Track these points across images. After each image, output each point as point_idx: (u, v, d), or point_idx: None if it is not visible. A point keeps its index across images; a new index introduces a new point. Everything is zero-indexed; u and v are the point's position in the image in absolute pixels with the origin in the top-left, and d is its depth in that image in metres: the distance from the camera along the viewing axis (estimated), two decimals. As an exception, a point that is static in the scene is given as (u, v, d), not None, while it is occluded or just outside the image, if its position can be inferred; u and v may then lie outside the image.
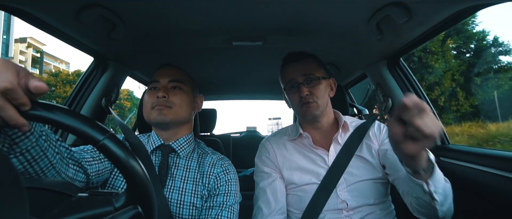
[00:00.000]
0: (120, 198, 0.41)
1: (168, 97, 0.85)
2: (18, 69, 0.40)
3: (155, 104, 0.85)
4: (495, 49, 15.91)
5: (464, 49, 16.44)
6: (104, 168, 0.80)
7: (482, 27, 19.74)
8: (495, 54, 15.86)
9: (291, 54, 0.99)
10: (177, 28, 1.10)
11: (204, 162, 0.91)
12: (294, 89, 0.94)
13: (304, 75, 0.92)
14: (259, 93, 2.51)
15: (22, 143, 0.51)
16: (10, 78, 0.38)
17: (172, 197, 0.82)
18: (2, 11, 0.81)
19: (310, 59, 0.97)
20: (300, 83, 0.92)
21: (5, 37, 30.31)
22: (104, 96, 1.28)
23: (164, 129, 0.89)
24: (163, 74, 0.90)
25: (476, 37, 16.25)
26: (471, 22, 16.05)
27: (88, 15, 0.88)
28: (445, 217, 0.70)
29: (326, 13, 0.99)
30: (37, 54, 33.85)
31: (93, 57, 1.23)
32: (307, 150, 0.97)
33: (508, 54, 15.65)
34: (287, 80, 0.96)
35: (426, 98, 1.26)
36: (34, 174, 0.55)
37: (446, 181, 0.69)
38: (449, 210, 0.70)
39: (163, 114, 0.84)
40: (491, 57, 15.64)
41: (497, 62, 15.75)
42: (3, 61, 0.39)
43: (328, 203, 0.87)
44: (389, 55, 1.21)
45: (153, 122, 0.87)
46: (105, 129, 0.41)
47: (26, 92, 0.39)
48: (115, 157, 0.40)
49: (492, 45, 15.96)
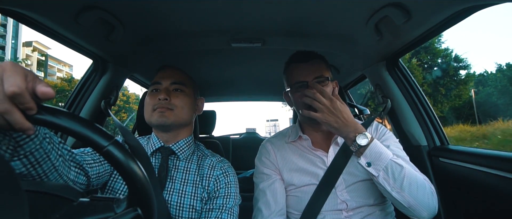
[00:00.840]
0: (121, 204, 0.41)
1: (169, 100, 0.85)
2: (25, 73, 0.39)
3: (157, 106, 0.85)
4: (457, 64, 20.81)
5: (431, 63, 21.28)
6: (104, 170, 0.79)
7: (447, 44, 26.98)
8: (456, 68, 20.73)
9: (300, 53, 0.96)
10: (176, 30, 1.10)
11: (203, 164, 0.91)
12: (303, 89, 0.92)
13: (315, 77, 0.91)
14: (258, 94, 2.51)
15: (26, 145, 0.51)
16: (19, 82, 0.37)
17: (171, 200, 0.82)
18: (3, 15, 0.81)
19: (319, 60, 0.95)
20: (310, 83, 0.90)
21: (13, 42, 32.27)
22: (103, 98, 1.27)
23: (165, 131, 0.89)
24: (165, 76, 0.90)
25: (441, 54, 20.99)
26: (438, 40, 21.17)
27: (87, 17, 0.88)
28: (419, 210, 0.75)
29: (325, 14, 0.99)
30: (42, 57, 35.03)
31: (92, 60, 1.23)
32: (307, 151, 0.96)
33: (466, 68, 20.92)
34: (296, 80, 0.93)
35: (425, 97, 1.27)
36: (37, 176, 0.55)
37: (405, 166, 0.77)
38: (417, 201, 0.74)
39: (164, 116, 0.84)
40: (453, 71, 20.29)
41: (458, 75, 20.61)
42: (11, 65, 0.39)
43: (328, 204, 0.87)
44: (388, 56, 1.22)
45: (154, 124, 0.87)
46: (110, 135, 0.41)
47: (33, 96, 0.39)
48: (119, 164, 0.40)
49: (454, 60, 20.93)
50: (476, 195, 0.96)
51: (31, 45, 33.68)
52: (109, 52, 1.18)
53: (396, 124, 1.32)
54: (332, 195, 0.87)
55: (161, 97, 0.84)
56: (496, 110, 20.44)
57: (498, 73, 23.76)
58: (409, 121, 1.26)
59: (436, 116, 1.26)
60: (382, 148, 0.78)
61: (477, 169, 0.93)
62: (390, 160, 0.76)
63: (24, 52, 33.18)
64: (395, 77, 1.28)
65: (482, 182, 0.92)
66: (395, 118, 1.32)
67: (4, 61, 0.40)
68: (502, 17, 62.75)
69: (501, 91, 21.92)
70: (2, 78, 0.38)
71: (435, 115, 1.26)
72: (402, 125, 1.29)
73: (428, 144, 1.22)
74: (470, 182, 0.97)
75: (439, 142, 1.22)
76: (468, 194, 1.00)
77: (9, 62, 0.40)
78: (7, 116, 0.38)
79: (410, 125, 1.26)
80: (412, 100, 1.26)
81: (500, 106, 21.12)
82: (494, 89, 22.41)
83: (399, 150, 0.90)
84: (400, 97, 1.27)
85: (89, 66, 1.28)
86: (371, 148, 0.76)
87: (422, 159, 1.20)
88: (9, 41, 30.72)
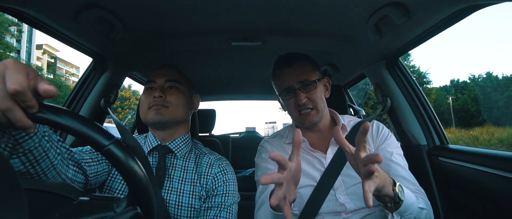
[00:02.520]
0: (121, 204, 0.42)
1: (164, 97, 0.85)
2: (27, 71, 0.39)
3: (152, 104, 0.85)
4: (421, 80, 24.40)
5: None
6: (102, 169, 0.79)
7: (414, 62, 30.43)
8: (422, 83, 23.88)
9: (283, 57, 0.95)
10: (176, 28, 1.10)
11: (201, 162, 0.91)
12: (290, 95, 0.92)
13: (300, 81, 0.89)
14: (258, 93, 2.51)
15: (26, 143, 0.51)
16: (20, 80, 0.37)
17: (170, 198, 0.82)
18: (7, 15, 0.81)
19: (303, 62, 0.93)
20: (297, 89, 0.89)
21: (27, 46, 33.69)
22: (103, 97, 1.27)
23: (161, 128, 0.89)
24: (160, 75, 0.90)
25: (410, 70, 23.42)
26: (407, 57, 23.87)
27: (86, 16, 0.87)
28: None
29: (325, 13, 0.99)
30: (51, 59, 36.35)
31: (92, 58, 1.23)
32: (305, 153, 0.95)
33: (428, 83, 25.39)
34: (283, 87, 0.93)
35: (424, 97, 1.27)
36: (35, 174, 0.55)
37: (424, 208, 0.74)
38: None
39: (160, 113, 0.84)
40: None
41: (423, 90, 24.04)
42: (14, 63, 0.39)
43: (327, 206, 0.86)
44: (388, 55, 1.22)
45: (150, 122, 0.87)
46: (111, 134, 0.41)
47: (34, 95, 0.39)
48: (119, 163, 0.40)
49: (418, 77, 24.12)
50: (476, 195, 0.96)
51: (41, 48, 34.97)
52: (108, 50, 1.18)
53: (396, 123, 1.33)
54: (331, 197, 0.86)
55: (156, 95, 0.84)
56: (471, 116, 24.35)
57: (471, 83, 27.19)
58: (408, 120, 1.26)
59: (435, 115, 1.26)
60: (409, 193, 0.69)
61: (476, 169, 0.93)
62: (417, 208, 0.71)
63: (35, 54, 34.51)
64: (395, 77, 1.28)
65: (482, 181, 0.92)
66: (394, 117, 1.32)
67: (6, 59, 0.40)
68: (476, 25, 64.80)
69: (473, 99, 25.50)
70: (4, 76, 0.38)
71: (435, 114, 1.26)
72: (401, 124, 1.29)
73: (428, 143, 1.22)
74: (469, 181, 0.98)
75: (439, 141, 1.22)
76: (467, 193, 1.00)
77: (11, 60, 0.40)
78: (8, 114, 0.38)
79: (409, 124, 1.26)
80: (411, 99, 1.26)
81: (474, 113, 24.76)
82: (468, 97, 25.79)
83: (401, 157, 0.90)
84: (400, 97, 1.27)
85: (88, 65, 1.28)
86: (406, 198, 0.66)
87: (421, 158, 1.20)
88: (23, 45, 31.96)
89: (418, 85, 1.28)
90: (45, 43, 35.33)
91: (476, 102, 25.04)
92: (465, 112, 25.06)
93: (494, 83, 25.73)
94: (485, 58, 68.52)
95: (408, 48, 1.12)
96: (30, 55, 33.20)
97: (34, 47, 33.87)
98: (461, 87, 28.01)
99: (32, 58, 32.96)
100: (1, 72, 0.38)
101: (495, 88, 25.20)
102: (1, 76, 0.38)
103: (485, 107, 24.77)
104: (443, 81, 76.69)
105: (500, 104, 23.79)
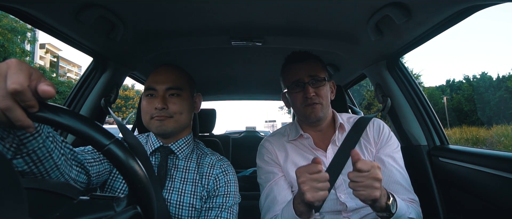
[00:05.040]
0: (121, 203, 0.42)
1: (167, 108, 0.83)
2: (31, 71, 0.40)
3: (155, 115, 0.82)
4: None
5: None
6: (104, 169, 0.80)
7: (408, 64, 27.73)
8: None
9: (296, 53, 0.97)
10: (176, 28, 1.10)
11: (203, 163, 0.90)
12: (299, 88, 0.92)
13: (310, 76, 0.91)
14: (258, 93, 2.51)
15: (30, 143, 0.51)
16: (21, 80, 0.38)
17: (171, 198, 0.82)
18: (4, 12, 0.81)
19: (315, 59, 0.96)
20: (306, 83, 0.90)
21: (32, 46, 33.96)
22: (103, 96, 1.27)
23: (165, 137, 0.88)
24: (160, 81, 0.85)
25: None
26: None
27: (87, 15, 0.87)
28: None
29: (325, 13, 0.99)
30: (54, 59, 36.89)
31: (92, 57, 1.23)
32: (307, 151, 0.96)
33: (420, 85, 24.15)
34: (292, 80, 0.94)
35: (425, 97, 1.27)
36: (39, 174, 0.55)
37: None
38: None
39: (164, 125, 0.83)
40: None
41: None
42: (17, 62, 0.39)
43: (328, 205, 0.87)
44: (389, 55, 1.22)
45: (153, 132, 0.87)
46: (111, 134, 0.41)
47: (35, 95, 0.39)
48: (120, 162, 0.40)
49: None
50: (475, 195, 0.96)
51: (44, 47, 35.38)
52: (109, 50, 1.18)
53: (396, 123, 1.33)
54: (332, 196, 0.87)
55: (158, 107, 0.81)
56: (465, 115, 24.73)
57: (466, 84, 27.46)
58: (409, 120, 1.26)
59: (436, 115, 1.26)
60: (402, 204, 0.73)
61: (476, 169, 0.93)
62: (407, 218, 0.74)
63: (38, 54, 34.93)
64: (396, 77, 1.28)
65: (482, 181, 0.92)
66: (395, 117, 1.32)
67: (10, 59, 0.40)
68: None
69: (467, 99, 25.82)
70: (6, 75, 0.38)
71: (435, 114, 1.26)
72: (402, 124, 1.29)
73: (428, 143, 1.22)
74: (469, 181, 0.98)
75: (439, 141, 1.22)
76: (467, 193, 1.00)
77: (15, 59, 0.40)
78: (8, 113, 0.38)
79: (410, 125, 1.26)
80: (412, 100, 1.26)
81: (468, 112, 25.15)
82: (461, 97, 26.19)
83: (400, 162, 0.92)
84: (400, 97, 1.27)
85: (89, 64, 1.28)
86: (399, 210, 0.71)
87: (422, 158, 1.20)
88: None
89: (418, 86, 1.28)
90: (48, 42, 35.77)
91: (470, 102, 25.32)
92: (459, 111, 25.42)
93: (487, 83, 26.07)
94: (482, 58, 69.04)
95: (409, 48, 1.11)
96: (34, 55, 33.60)
97: (38, 46, 34.17)
98: (457, 87, 28.28)
99: (36, 58, 33.44)
100: (3, 72, 0.38)
101: (487, 88, 25.58)
102: (3, 75, 0.38)
103: (478, 107, 25.25)
104: (439, 81, 76.80)
105: (492, 104, 24.24)
